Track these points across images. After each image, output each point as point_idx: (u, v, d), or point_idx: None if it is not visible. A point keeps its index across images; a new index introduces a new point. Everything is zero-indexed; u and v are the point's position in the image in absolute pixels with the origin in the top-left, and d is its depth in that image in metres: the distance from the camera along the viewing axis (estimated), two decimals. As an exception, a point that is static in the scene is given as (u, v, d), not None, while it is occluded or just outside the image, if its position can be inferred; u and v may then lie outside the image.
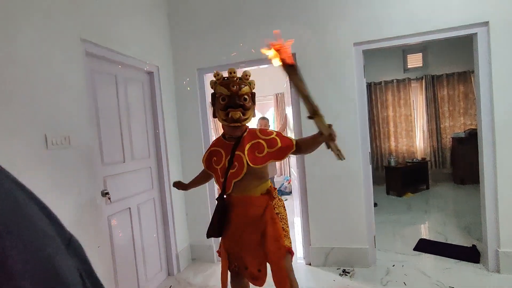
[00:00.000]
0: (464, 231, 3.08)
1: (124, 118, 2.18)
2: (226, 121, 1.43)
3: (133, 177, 2.23)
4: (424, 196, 4.64)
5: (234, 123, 1.42)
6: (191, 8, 2.73)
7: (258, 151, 1.45)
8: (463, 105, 5.31)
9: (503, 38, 2.12)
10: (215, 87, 1.46)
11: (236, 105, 1.40)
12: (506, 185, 2.18)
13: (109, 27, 2.00)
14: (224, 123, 1.44)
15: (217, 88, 1.44)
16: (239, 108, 1.40)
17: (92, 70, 1.88)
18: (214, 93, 1.47)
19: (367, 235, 2.48)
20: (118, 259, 1.99)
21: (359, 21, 2.36)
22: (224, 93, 1.41)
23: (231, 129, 1.46)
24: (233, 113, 1.40)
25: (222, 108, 1.42)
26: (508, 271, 2.18)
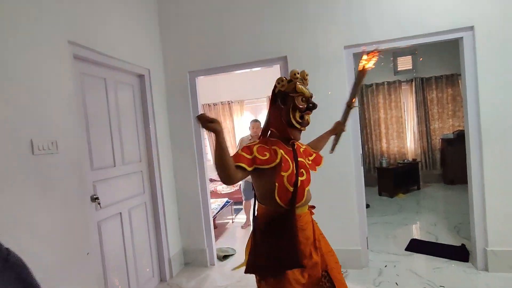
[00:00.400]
0: (454, 231, 3.13)
1: (115, 122, 2.15)
2: (301, 124, 1.31)
3: (124, 182, 2.20)
4: (415, 197, 4.71)
5: (305, 126, 1.34)
6: (182, 11, 2.73)
7: (309, 158, 1.40)
8: (452, 107, 5.42)
9: (487, 43, 2.18)
10: (293, 86, 1.29)
11: (314, 108, 1.32)
12: (492, 185, 2.22)
13: (98, 29, 1.97)
14: (297, 126, 1.29)
15: (298, 87, 1.29)
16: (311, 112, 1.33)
17: (80, 73, 1.86)
18: (285, 92, 1.30)
19: (359, 237, 2.50)
20: (109, 266, 1.95)
21: (350, 24, 2.39)
22: (306, 95, 1.30)
23: (298, 133, 1.33)
24: (308, 117, 1.32)
25: (303, 109, 1.29)
26: (496, 270, 2.22)
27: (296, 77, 1.29)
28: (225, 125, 6.15)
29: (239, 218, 4.34)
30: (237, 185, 4.96)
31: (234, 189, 4.99)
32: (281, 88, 1.30)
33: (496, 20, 2.15)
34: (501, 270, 2.21)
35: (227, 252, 2.99)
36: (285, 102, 1.29)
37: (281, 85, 1.30)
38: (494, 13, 2.15)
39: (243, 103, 6.08)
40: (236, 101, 6.07)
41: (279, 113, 1.29)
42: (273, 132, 1.34)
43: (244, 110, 6.12)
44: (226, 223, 3.99)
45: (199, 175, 2.79)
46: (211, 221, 2.84)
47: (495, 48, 2.17)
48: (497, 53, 2.16)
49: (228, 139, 6.17)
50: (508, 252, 2.21)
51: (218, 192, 4.95)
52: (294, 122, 1.28)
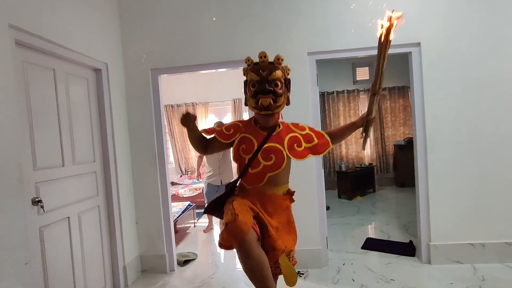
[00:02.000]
0: (403, 229, 3.40)
1: (64, 118, 1.97)
2: (257, 108, 1.33)
3: (74, 183, 2.01)
4: (371, 199, 5.02)
5: (265, 110, 1.32)
6: (145, 4, 2.61)
7: (297, 145, 1.39)
8: (403, 116, 5.91)
9: (432, 59, 2.42)
10: (247, 74, 1.37)
11: (265, 90, 1.29)
12: (435, 187, 2.46)
13: (45, 14, 1.79)
14: (255, 111, 1.35)
15: (248, 75, 1.35)
16: (269, 94, 1.30)
17: (23, 61, 1.67)
18: (246, 81, 1.39)
19: (320, 237, 2.58)
20: (52, 276, 1.76)
21: (313, 32, 2.49)
22: (254, 79, 1.32)
23: (263, 118, 1.37)
24: (263, 100, 1.30)
25: (252, 94, 1.33)
26: (437, 262, 2.45)
27: (249, 63, 1.36)
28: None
29: (201, 222, 4.23)
30: (200, 188, 4.84)
31: (196, 192, 4.86)
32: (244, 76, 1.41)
33: (440, 39, 2.40)
34: (441, 263, 2.44)
35: (188, 257, 2.89)
36: (245, 90, 1.39)
37: (243, 74, 1.40)
38: (439, 32, 2.40)
39: (208, 106, 6.00)
40: (200, 103, 5.97)
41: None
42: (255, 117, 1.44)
43: (209, 112, 6.04)
44: (187, 228, 3.86)
45: (160, 177, 2.67)
46: (171, 225, 2.72)
47: (439, 64, 2.41)
48: (441, 68, 2.41)
49: (192, 141, 6.01)
50: (447, 245, 2.45)
51: (180, 195, 4.79)
52: (251, 108, 1.36)
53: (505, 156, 2.40)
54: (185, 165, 6.11)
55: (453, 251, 2.44)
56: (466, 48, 2.38)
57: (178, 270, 2.73)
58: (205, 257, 3.04)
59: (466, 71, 2.39)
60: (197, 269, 2.74)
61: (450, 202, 2.45)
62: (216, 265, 2.82)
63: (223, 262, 2.88)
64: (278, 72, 1.35)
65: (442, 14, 2.39)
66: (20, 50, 1.65)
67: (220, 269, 2.71)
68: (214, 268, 2.74)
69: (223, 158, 3.78)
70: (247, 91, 1.38)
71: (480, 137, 2.41)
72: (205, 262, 2.90)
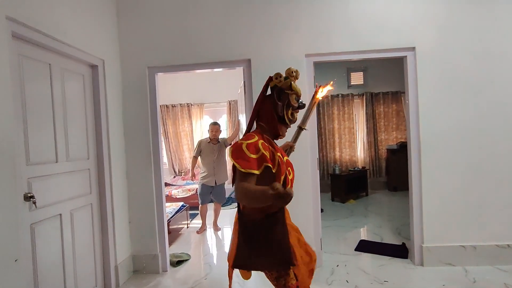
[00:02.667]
0: (396, 232, 3.43)
1: (59, 113, 1.94)
2: (291, 121, 1.34)
3: (67, 180, 1.98)
4: (364, 203, 5.06)
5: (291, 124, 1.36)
6: (142, 4, 2.60)
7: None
8: (396, 121, 6.00)
9: (426, 63, 2.47)
10: (289, 83, 1.30)
11: (304, 107, 1.37)
12: (428, 189, 2.50)
13: (44, 7, 1.78)
14: (288, 123, 1.33)
15: (293, 85, 1.32)
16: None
17: (19, 54, 1.64)
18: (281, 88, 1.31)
19: (314, 239, 2.58)
20: (42, 274, 1.71)
21: (311, 34, 2.52)
22: (298, 94, 1.34)
23: (286, 130, 1.37)
24: (296, 114, 1.36)
25: (295, 107, 1.34)
26: (430, 264, 2.48)
27: (293, 75, 1.31)
28: (184, 128, 5.97)
29: (195, 223, 4.20)
30: (193, 189, 4.81)
31: (190, 193, 4.83)
32: (277, 83, 1.31)
33: (435, 43, 2.46)
34: (433, 265, 2.47)
35: (181, 257, 2.86)
36: (280, 98, 1.30)
37: (279, 80, 1.31)
38: (433, 37, 2.46)
39: (203, 107, 5.99)
40: (195, 104, 5.95)
41: (273, 107, 1.29)
42: (262, 127, 1.32)
43: (204, 113, 6.02)
44: (180, 228, 3.82)
45: (155, 177, 2.64)
46: (165, 224, 2.69)
47: (433, 68, 2.47)
48: (435, 72, 2.47)
49: (186, 142, 5.99)
50: (439, 247, 2.48)
51: (173, 196, 4.75)
52: (287, 119, 1.31)
53: (498, 159, 2.45)
54: (179, 166, 6.06)
55: (445, 253, 2.48)
56: (460, 52, 2.44)
57: (171, 270, 2.69)
58: (198, 258, 3.01)
59: (460, 74, 2.45)
60: (190, 270, 2.71)
61: (443, 204, 2.49)
62: (210, 266, 2.80)
63: (216, 263, 2.86)
64: None
65: (436, 19, 2.45)
66: (17, 43, 1.62)
67: (214, 270, 2.69)
68: (207, 269, 2.71)
69: (218, 159, 3.77)
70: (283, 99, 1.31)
71: (473, 140, 2.46)
72: (198, 263, 2.87)
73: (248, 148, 1.14)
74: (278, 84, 1.31)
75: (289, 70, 1.30)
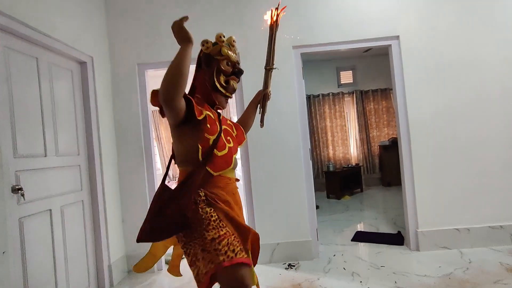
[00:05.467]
0: (391, 222, 3.44)
1: (47, 107, 1.92)
2: (226, 89, 1.24)
3: (56, 175, 1.95)
4: (359, 198, 5.08)
5: (232, 93, 1.28)
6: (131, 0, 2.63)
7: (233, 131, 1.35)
8: (386, 117, 6.10)
9: (411, 51, 2.54)
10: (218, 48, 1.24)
11: (240, 73, 1.27)
12: (421, 176, 2.53)
13: (31, 1, 1.78)
14: (222, 90, 1.23)
15: (223, 50, 1.23)
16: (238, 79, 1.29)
17: (4, 46, 1.64)
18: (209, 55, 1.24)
19: (309, 229, 2.57)
20: (32, 270, 1.67)
21: (298, 26, 2.58)
22: (232, 59, 1.25)
23: (224, 100, 1.27)
24: (234, 83, 1.26)
25: (228, 73, 1.24)
26: (425, 249, 2.49)
27: (222, 40, 1.24)
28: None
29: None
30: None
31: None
32: (205, 50, 1.24)
33: (418, 31, 2.53)
34: (429, 249, 2.48)
35: (177, 256, 2.80)
36: (209, 65, 1.24)
37: (206, 47, 1.24)
38: (416, 25, 2.53)
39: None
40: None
41: (204, 76, 1.25)
42: (198, 98, 1.25)
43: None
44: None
45: (147, 174, 2.62)
46: (159, 222, 2.65)
47: (418, 55, 2.53)
48: (420, 60, 2.53)
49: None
50: (434, 231, 2.50)
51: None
52: (219, 85, 1.22)
53: (486, 143, 2.50)
54: (173, 171, 6.02)
55: (440, 237, 2.49)
56: (443, 39, 2.51)
57: (166, 269, 2.64)
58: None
59: (444, 61, 2.52)
60: (185, 268, 2.65)
61: (435, 189, 2.52)
62: (206, 263, 2.75)
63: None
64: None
65: (419, 8, 2.53)
66: (2, 35, 1.62)
67: (210, 266, 2.64)
68: (203, 266, 2.67)
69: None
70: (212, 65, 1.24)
71: (461, 125, 2.52)
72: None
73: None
74: (206, 51, 1.24)
75: (217, 36, 1.24)
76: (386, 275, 2.15)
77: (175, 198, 1.09)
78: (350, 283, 2.08)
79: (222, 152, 1.17)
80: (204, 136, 1.14)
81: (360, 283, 2.07)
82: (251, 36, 2.55)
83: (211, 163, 1.14)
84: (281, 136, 2.57)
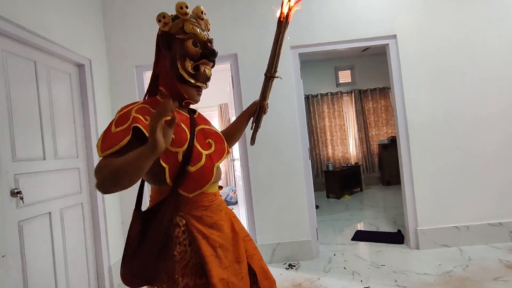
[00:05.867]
0: (391, 221, 3.45)
1: (46, 111, 1.92)
2: (196, 78, 0.91)
3: (55, 178, 1.95)
4: (359, 197, 5.08)
5: (205, 82, 0.95)
6: (128, 2, 2.63)
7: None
8: (385, 116, 6.11)
9: (409, 49, 2.55)
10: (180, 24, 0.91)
11: (214, 56, 0.93)
12: (420, 174, 2.54)
13: (28, 4, 1.79)
14: (189, 79, 0.90)
15: (187, 26, 0.90)
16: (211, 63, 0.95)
17: (3, 50, 1.64)
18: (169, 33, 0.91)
19: (309, 229, 2.58)
20: (32, 273, 1.66)
21: (295, 26, 2.58)
22: (199, 37, 0.91)
23: (196, 92, 0.95)
24: (207, 68, 0.93)
25: (195, 56, 0.90)
26: (426, 247, 2.49)
27: (184, 11, 0.91)
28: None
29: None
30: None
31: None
32: (163, 27, 0.92)
33: (415, 30, 2.54)
34: (429, 247, 2.49)
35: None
36: (169, 47, 0.91)
37: (163, 23, 0.91)
38: (413, 24, 2.54)
39: (195, 111, 5.98)
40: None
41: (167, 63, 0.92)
42: (162, 92, 0.95)
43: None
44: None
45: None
46: (159, 224, 2.65)
47: (415, 54, 2.54)
48: (417, 59, 2.54)
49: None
50: (433, 229, 2.50)
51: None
52: (184, 73, 0.89)
53: (483, 140, 2.51)
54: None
55: (440, 235, 2.50)
56: (440, 38, 2.52)
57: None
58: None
59: (441, 59, 2.53)
60: None
61: (434, 187, 2.52)
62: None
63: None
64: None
65: (415, 7, 2.54)
66: (0, 39, 1.62)
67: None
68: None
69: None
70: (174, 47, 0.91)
71: (457, 122, 2.52)
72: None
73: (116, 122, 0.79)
74: (165, 29, 0.92)
75: (176, 5, 0.91)
76: (387, 274, 2.16)
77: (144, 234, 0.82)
78: (350, 283, 2.08)
79: (197, 165, 0.86)
80: (168, 150, 0.82)
81: (360, 282, 2.07)
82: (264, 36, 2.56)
83: (183, 184, 0.84)
84: (280, 136, 2.57)
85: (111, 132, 0.78)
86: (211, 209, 0.90)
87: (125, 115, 0.80)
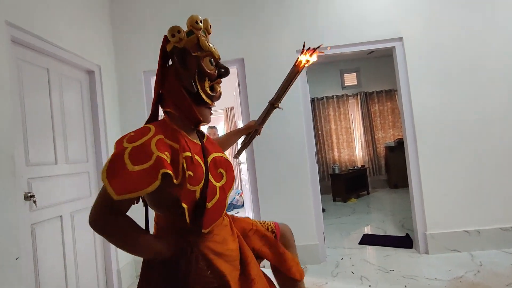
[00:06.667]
0: (399, 225, 3.41)
1: (58, 117, 1.97)
2: (212, 98, 0.88)
3: (67, 182, 1.99)
4: (366, 201, 5.04)
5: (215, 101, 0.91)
6: (136, 9, 2.69)
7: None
8: (391, 119, 6.06)
9: (415, 52, 2.54)
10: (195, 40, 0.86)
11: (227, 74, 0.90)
12: (428, 177, 2.51)
13: (41, 12, 1.84)
14: (209, 102, 0.86)
15: (203, 43, 0.85)
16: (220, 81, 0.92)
17: (18, 59, 1.69)
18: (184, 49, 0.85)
19: (316, 233, 2.57)
20: (44, 275, 1.70)
21: (301, 30, 2.60)
22: (214, 54, 0.88)
23: (209, 112, 0.90)
24: (219, 87, 0.90)
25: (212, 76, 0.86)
26: (435, 252, 2.46)
27: (199, 26, 0.86)
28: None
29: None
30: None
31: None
32: (178, 43, 0.85)
33: (421, 32, 2.53)
34: (439, 252, 2.45)
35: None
36: (185, 65, 0.84)
37: (177, 38, 0.84)
38: (419, 26, 2.53)
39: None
40: (194, 112, 5.99)
41: (179, 82, 0.84)
42: (171, 114, 0.88)
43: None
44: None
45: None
46: (166, 227, 2.67)
47: (422, 56, 2.53)
48: (424, 60, 2.53)
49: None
50: (443, 234, 2.47)
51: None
52: (203, 95, 0.84)
53: (495, 142, 2.47)
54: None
55: (450, 239, 2.46)
56: (446, 39, 2.51)
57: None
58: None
59: (449, 61, 2.51)
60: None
61: (443, 190, 2.49)
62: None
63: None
64: None
65: (421, 8, 2.53)
66: (16, 48, 1.67)
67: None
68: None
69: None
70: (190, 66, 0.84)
71: (466, 124, 2.49)
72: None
73: (132, 156, 0.72)
74: (179, 45, 0.85)
75: (191, 20, 0.85)
76: (396, 279, 2.13)
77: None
78: (359, 287, 2.07)
79: (213, 200, 0.83)
80: (186, 189, 0.78)
81: (369, 287, 2.05)
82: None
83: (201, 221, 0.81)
84: (287, 139, 2.58)
85: (128, 170, 0.70)
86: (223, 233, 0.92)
87: (144, 151, 0.73)
